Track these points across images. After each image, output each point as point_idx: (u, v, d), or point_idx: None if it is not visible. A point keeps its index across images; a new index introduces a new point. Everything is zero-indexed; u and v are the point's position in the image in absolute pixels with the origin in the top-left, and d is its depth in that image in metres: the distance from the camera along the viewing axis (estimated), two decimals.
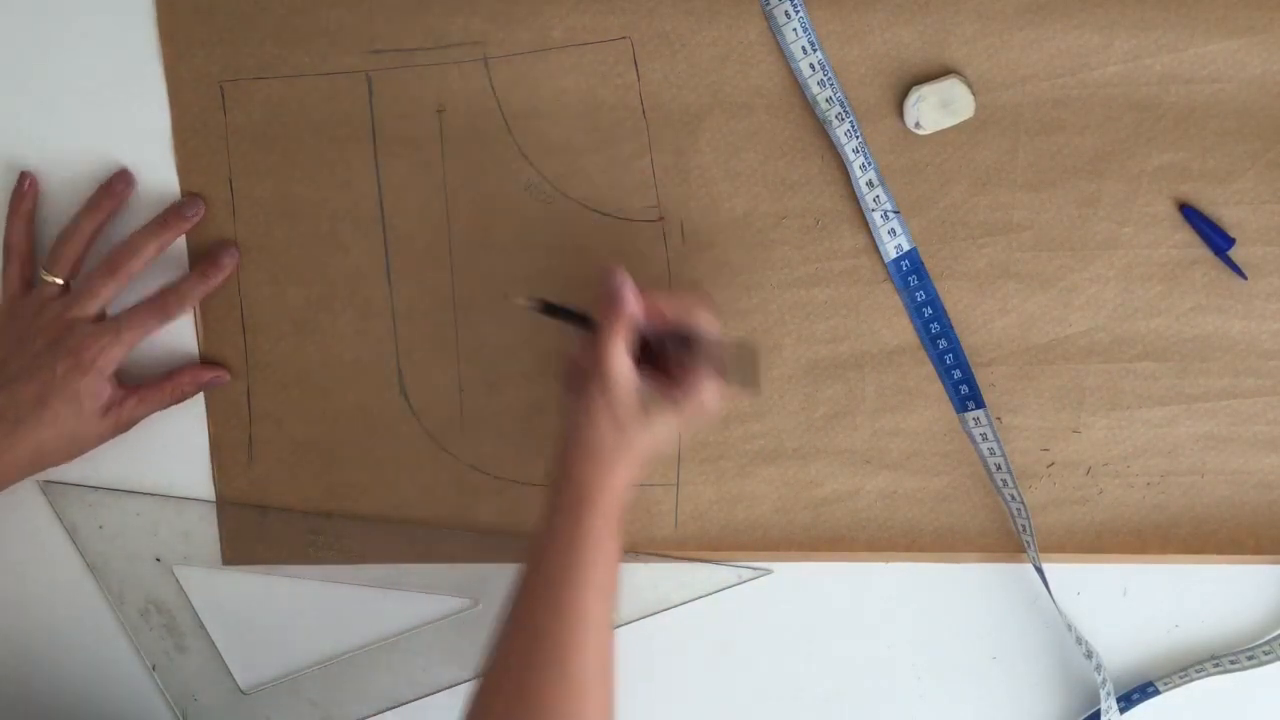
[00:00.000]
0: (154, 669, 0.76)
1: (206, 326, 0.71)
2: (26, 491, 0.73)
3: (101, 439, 0.68)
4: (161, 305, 0.67)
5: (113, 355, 0.66)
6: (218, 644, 0.75)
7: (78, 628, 0.75)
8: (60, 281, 0.67)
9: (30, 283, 0.68)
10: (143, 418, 0.69)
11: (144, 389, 0.68)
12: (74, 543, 0.73)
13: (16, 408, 0.64)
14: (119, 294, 0.67)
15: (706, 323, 0.62)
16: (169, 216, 0.68)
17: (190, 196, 0.68)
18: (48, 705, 0.75)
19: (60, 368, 0.64)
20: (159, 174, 0.69)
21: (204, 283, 0.68)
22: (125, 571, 0.74)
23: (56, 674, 0.75)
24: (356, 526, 0.73)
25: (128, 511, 0.73)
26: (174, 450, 0.72)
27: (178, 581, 0.74)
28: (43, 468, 0.67)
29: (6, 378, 0.64)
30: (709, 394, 0.61)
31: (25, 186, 0.68)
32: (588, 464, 0.60)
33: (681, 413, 0.61)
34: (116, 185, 0.68)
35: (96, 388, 0.66)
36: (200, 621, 0.75)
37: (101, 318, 0.67)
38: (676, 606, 0.75)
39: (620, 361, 0.60)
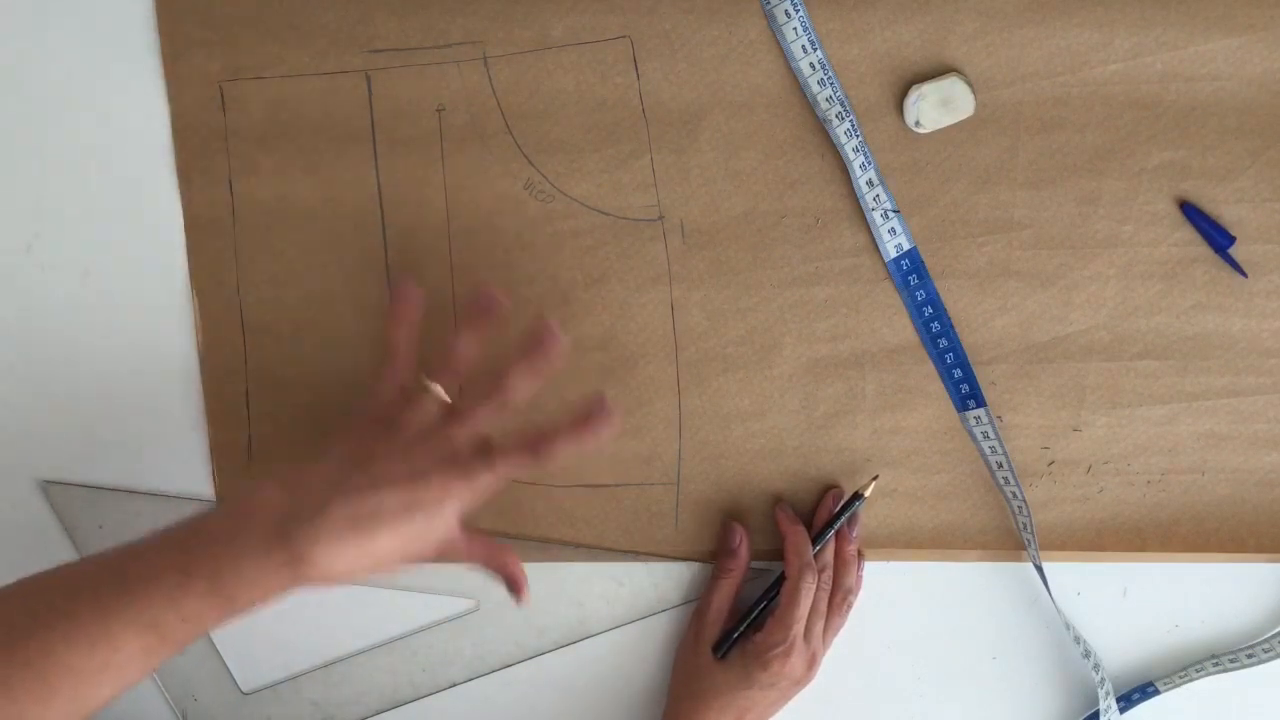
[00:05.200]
0: (155, 670, 0.76)
1: (206, 326, 0.71)
2: (26, 491, 0.73)
3: (421, 562, 0.61)
4: (534, 450, 0.61)
5: (484, 486, 0.60)
6: (217, 644, 0.75)
7: None
8: (444, 396, 0.62)
9: (408, 389, 0.63)
10: (452, 563, 0.63)
11: (476, 541, 0.63)
12: (74, 543, 0.73)
13: (381, 513, 0.57)
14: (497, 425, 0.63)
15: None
16: (533, 351, 0.62)
17: (547, 328, 0.62)
18: None
19: (438, 486, 0.59)
20: (159, 174, 0.69)
21: (575, 437, 0.61)
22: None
23: None
24: None
25: (128, 511, 0.73)
26: (174, 450, 0.72)
27: None
28: (368, 577, 0.59)
29: (378, 477, 0.58)
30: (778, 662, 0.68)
31: (413, 298, 0.64)
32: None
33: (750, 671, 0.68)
34: (490, 301, 0.63)
35: (458, 514, 0.60)
36: None
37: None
38: (676, 606, 0.75)
39: (720, 597, 0.71)
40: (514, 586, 0.64)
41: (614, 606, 0.75)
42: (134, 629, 0.55)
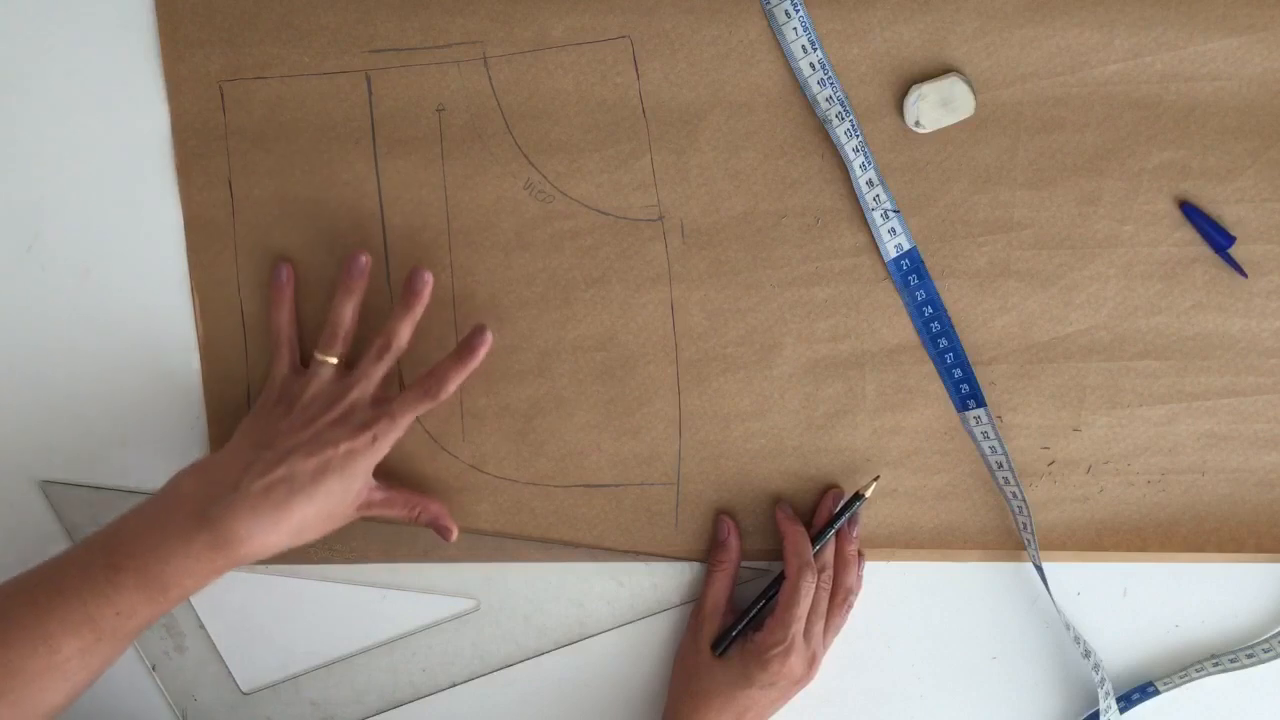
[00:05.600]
0: (154, 669, 0.76)
1: (207, 326, 0.71)
2: (26, 491, 0.73)
3: (343, 523, 0.67)
4: (426, 389, 0.66)
5: (390, 438, 0.66)
6: (217, 644, 0.75)
7: None
8: (335, 362, 0.67)
9: (298, 366, 0.68)
10: (378, 517, 0.69)
11: (393, 491, 0.68)
12: (74, 542, 0.73)
13: (293, 480, 0.62)
14: (389, 375, 0.68)
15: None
16: (411, 298, 0.67)
17: (419, 273, 0.67)
18: None
19: (343, 446, 0.64)
20: (159, 174, 0.69)
21: (462, 367, 0.67)
22: None
23: None
24: (357, 526, 0.72)
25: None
26: (174, 450, 0.72)
27: None
28: (296, 544, 0.65)
29: (283, 450, 0.63)
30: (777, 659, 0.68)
31: (284, 277, 0.68)
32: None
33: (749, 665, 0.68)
34: (355, 261, 0.67)
35: (369, 469, 0.65)
36: (200, 621, 0.75)
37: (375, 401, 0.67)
38: (676, 606, 0.75)
39: (715, 591, 0.72)
40: (441, 532, 0.69)
41: (614, 606, 0.75)
42: (69, 627, 0.59)
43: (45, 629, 0.58)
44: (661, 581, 0.74)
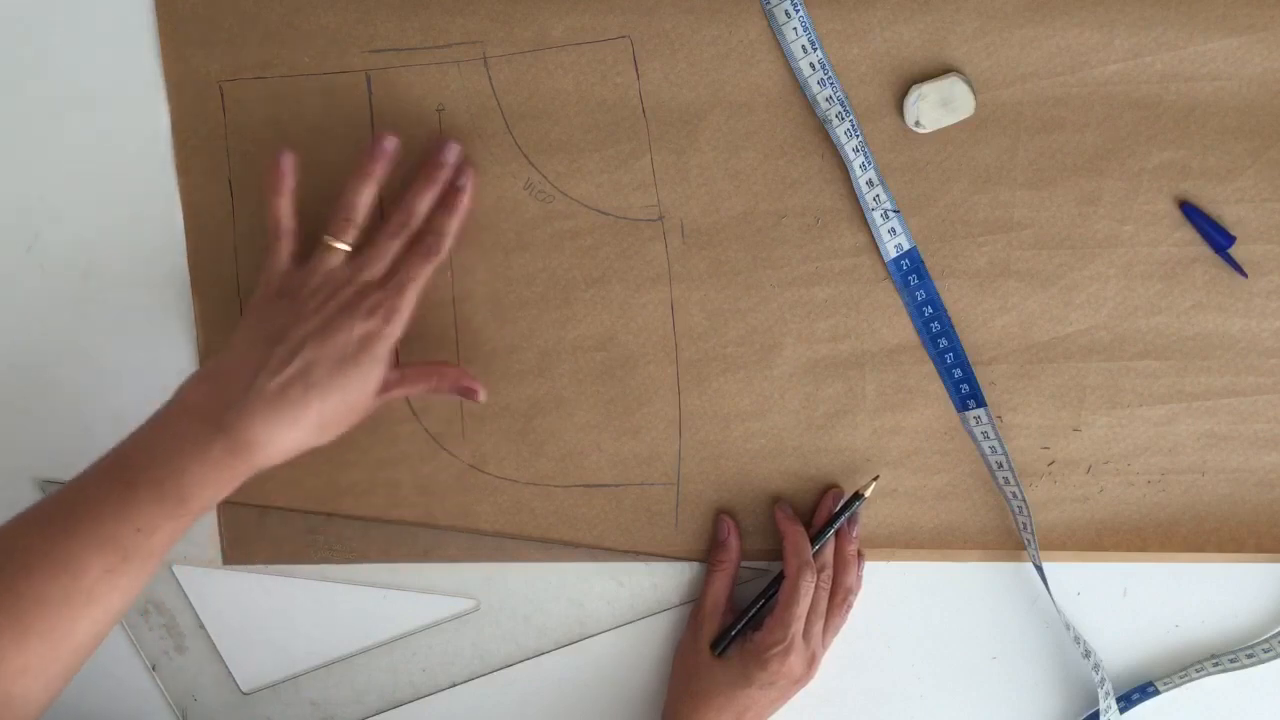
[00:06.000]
0: (154, 669, 0.76)
1: (206, 327, 0.71)
2: (26, 490, 0.73)
3: (365, 414, 0.63)
4: (426, 249, 0.63)
5: (405, 314, 0.62)
6: (217, 644, 0.75)
7: None
8: (347, 249, 0.62)
9: (298, 258, 0.64)
10: (399, 398, 0.65)
11: (408, 369, 0.64)
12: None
13: (309, 374, 0.59)
14: (399, 256, 0.64)
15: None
16: (431, 169, 0.64)
17: (444, 141, 0.64)
18: None
19: (358, 330, 0.60)
20: (159, 174, 0.69)
21: (451, 214, 0.64)
22: None
23: None
24: (356, 526, 0.73)
25: None
26: None
27: (178, 582, 0.74)
28: (319, 442, 0.61)
29: (295, 343, 0.59)
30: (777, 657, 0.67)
31: (286, 165, 0.63)
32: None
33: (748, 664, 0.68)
34: (380, 143, 0.63)
35: (386, 352, 0.61)
36: (200, 622, 0.75)
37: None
38: (676, 607, 0.75)
39: (715, 591, 0.72)
40: (466, 393, 0.65)
41: (614, 606, 0.75)
42: (90, 548, 0.55)
43: (67, 552, 0.55)
44: (661, 581, 0.74)
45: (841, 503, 0.71)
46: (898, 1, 0.66)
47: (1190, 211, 0.68)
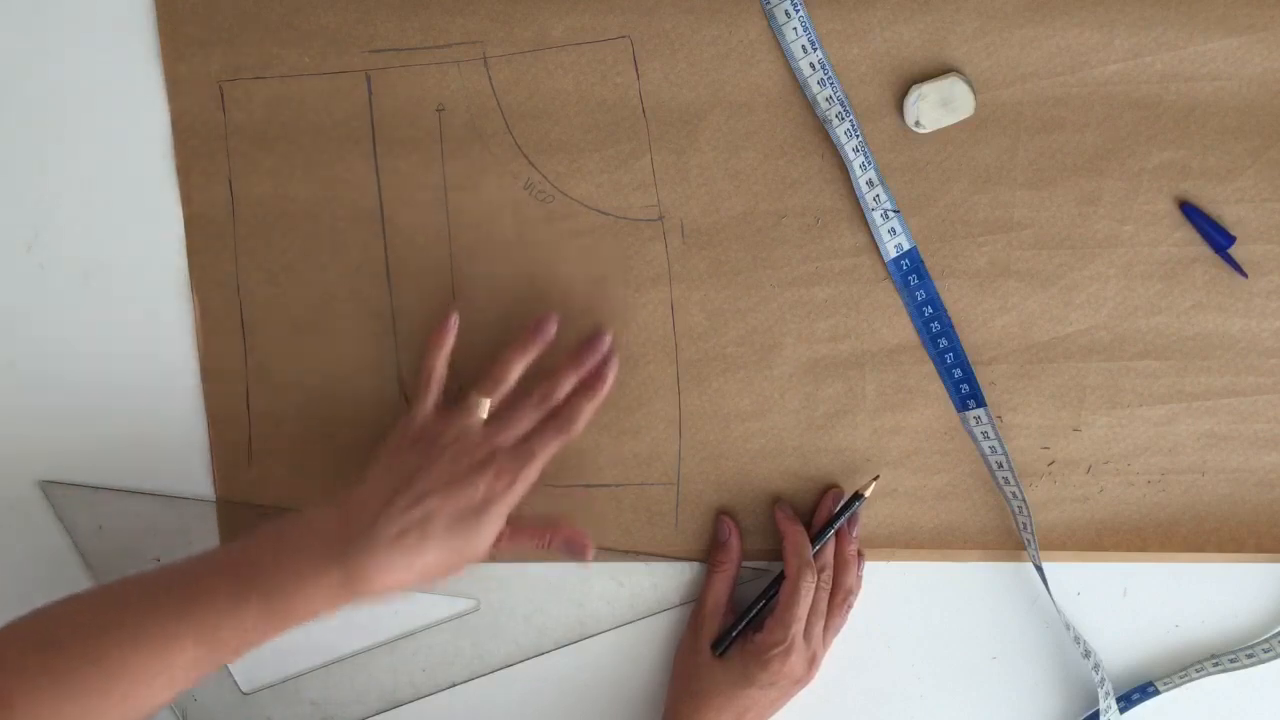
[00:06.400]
0: None
1: (206, 327, 0.71)
2: (26, 491, 0.73)
3: (473, 564, 0.64)
4: (560, 426, 0.66)
5: (528, 483, 0.65)
6: None
7: None
8: (488, 405, 0.66)
9: (441, 408, 0.67)
10: (503, 558, 0.68)
11: (516, 533, 0.66)
12: (74, 543, 0.73)
13: (427, 525, 0.61)
14: (534, 426, 0.66)
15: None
16: (582, 353, 0.68)
17: (600, 332, 0.68)
18: None
19: (482, 491, 0.63)
20: (159, 174, 0.69)
21: (593, 399, 0.67)
22: (125, 571, 0.73)
23: None
24: None
25: (128, 512, 0.73)
26: (174, 450, 0.72)
27: None
28: (424, 586, 0.64)
29: (421, 490, 0.62)
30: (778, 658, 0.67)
31: (451, 324, 0.67)
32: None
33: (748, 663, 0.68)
34: (547, 326, 0.67)
35: (504, 514, 0.64)
36: None
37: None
38: (676, 607, 0.75)
39: (715, 591, 0.71)
40: (577, 552, 0.68)
41: (614, 606, 0.75)
42: (190, 640, 0.58)
43: (167, 633, 0.58)
44: (661, 581, 0.74)
45: (841, 503, 0.71)
46: (898, 1, 0.66)
47: (1190, 211, 0.68)
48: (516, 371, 0.67)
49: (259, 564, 0.60)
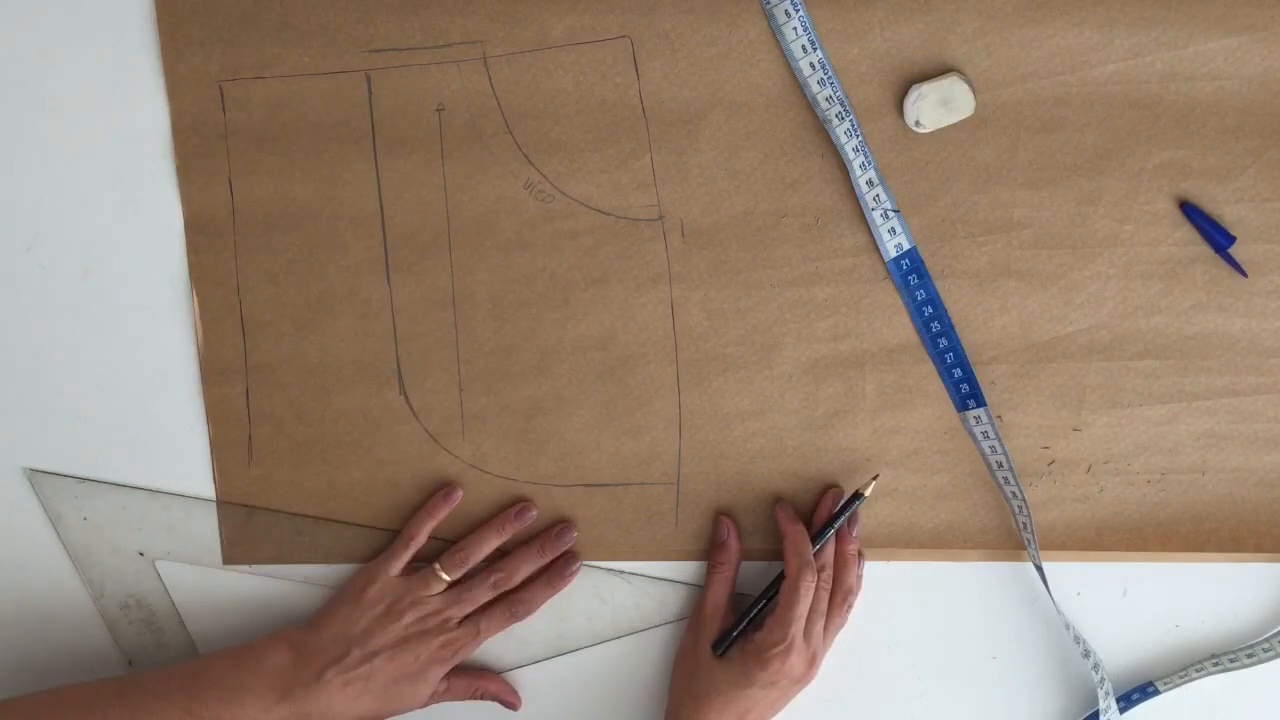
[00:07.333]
0: (130, 664, 0.75)
1: (206, 327, 0.71)
2: (12, 480, 0.73)
3: (408, 711, 0.72)
4: (512, 610, 0.72)
5: (468, 654, 0.72)
6: (214, 643, 0.75)
7: (58, 619, 0.75)
8: (449, 581, 0.71)
9: (410, 571, 0.72)
10: (437, 703, 0.73)
11: (453, 683, 0.73)
12: (57, 533, 0.73)
13: (369, 678, 0.69)
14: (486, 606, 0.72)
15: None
16: (546, 543, 0.72)
17: (568, 525, 0.73)
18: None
19: (424, 657, 0.70)
20: (159, 174, 0.69)
21: (551, 591, 0.72)
22: (108, 564, 0.74)
23: (35, 663, 0.75)
24: (355, 527, 0.73)
25: (113, 505, 0.73)
26: (164, 445, 0.72)
27: (159, 576, 0.74)
28: None
29: (371, 649, 0.69)
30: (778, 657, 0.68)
31: (452, 500, 0.72)
32: None
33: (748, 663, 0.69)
34: (526, 513, 0.72)
35: (440, 675, 0.71)
36: (180, 617, 0.75)
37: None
38: (656, 627, 0.75)
39: (715, 592, 0.72)
40: (506, 704, 0.75)
41: (594, 623, 0.75)
42: None
43: None
44: (643, 600, 0.74)
45: (841, 502, 0.71)
46: (898, 1, 0.66)
47: (1190, 211, 0.68)
48: (486, 551, 0.72)
49: (210, 691, 0.67)
